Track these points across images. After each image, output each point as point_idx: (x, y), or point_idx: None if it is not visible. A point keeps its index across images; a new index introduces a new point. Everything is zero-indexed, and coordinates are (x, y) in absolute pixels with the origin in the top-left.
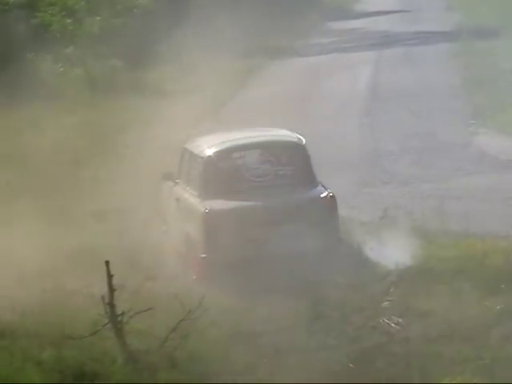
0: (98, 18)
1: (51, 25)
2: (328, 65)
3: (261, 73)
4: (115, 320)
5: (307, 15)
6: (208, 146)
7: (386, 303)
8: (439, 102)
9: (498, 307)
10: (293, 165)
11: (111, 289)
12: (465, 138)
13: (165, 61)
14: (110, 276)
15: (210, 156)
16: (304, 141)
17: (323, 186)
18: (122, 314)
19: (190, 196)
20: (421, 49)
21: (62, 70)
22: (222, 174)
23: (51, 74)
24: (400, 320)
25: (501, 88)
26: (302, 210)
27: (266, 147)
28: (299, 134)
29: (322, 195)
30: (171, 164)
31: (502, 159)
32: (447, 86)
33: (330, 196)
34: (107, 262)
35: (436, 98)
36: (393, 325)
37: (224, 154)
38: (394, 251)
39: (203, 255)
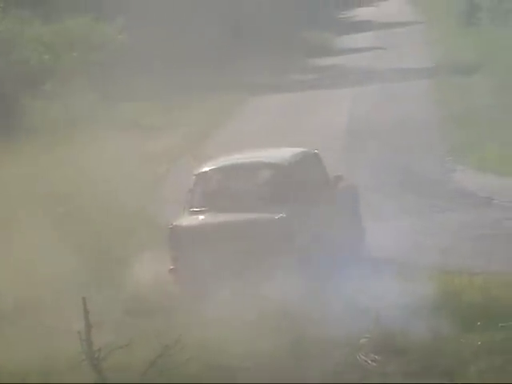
0: (75, 54)
1: (29, 61)
2: (307, 101)
3: (240, 108)
4: (92, 356)
5: (288, 52)
6: (202, 167)
7: (363, 340)
8: (417, 139)
9: (475, 344)
10: (269, 185)
11: (88, 325)
12: (442, 175)
13: (142, 95)
14: (86, 312)
15: (196, 176)
16: (289, 162)
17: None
18: (99, 350)
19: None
20: (398, 85)
21: (40, 106)
22: (204, 193)
23: (30, 109)
24: (377, 357)
25: (479, 124)
26: (260, 229)
27: (247, 168)
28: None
29: (276, 217)
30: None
31: (480, 196)
32: (425, 123)
33: (284, 217)
34: (84, 299)
35: (413, 134)
36: (370, 362)
37: (208, 175)
38: (371, 287)
39: (171, 267)
